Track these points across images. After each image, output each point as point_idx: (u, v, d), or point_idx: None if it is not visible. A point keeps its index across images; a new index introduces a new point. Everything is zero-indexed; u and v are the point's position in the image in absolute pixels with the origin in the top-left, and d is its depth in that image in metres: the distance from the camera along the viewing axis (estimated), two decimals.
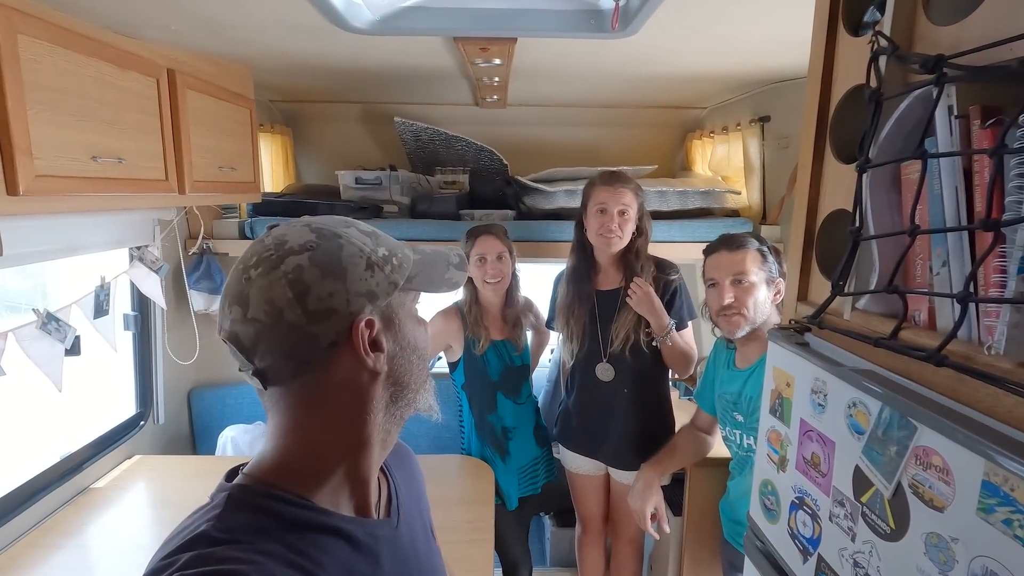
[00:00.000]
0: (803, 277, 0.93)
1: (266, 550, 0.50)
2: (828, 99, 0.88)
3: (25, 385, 1.50)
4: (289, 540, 0.53)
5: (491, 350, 1.85)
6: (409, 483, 0.74)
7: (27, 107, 1.01)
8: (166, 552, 0.50)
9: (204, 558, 0.48)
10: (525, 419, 1.93)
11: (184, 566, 0.47)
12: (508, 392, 1.89)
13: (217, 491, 0.57)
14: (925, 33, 0.70)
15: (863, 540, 0.68)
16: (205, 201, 1.80)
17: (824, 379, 0.76)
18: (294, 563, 0.51)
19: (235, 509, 0.53)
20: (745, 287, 1.41)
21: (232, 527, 0.52)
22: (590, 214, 1.73)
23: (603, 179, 1.74)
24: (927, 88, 0.65)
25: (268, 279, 0.54)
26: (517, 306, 1.91)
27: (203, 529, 0.51)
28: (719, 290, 1.44)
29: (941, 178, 0.64)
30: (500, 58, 1.54)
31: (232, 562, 0.48)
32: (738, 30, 1.36)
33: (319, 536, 0.55)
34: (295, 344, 0.54)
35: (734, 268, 1.42)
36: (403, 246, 0.64)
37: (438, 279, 0.66)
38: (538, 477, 1.96)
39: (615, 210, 1.68)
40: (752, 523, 0.98)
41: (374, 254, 0.58)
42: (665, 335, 1.70)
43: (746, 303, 1.41)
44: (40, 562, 1.40)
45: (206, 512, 0.54)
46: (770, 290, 1.43)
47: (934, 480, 0.57)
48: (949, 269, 0.64)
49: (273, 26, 1.37)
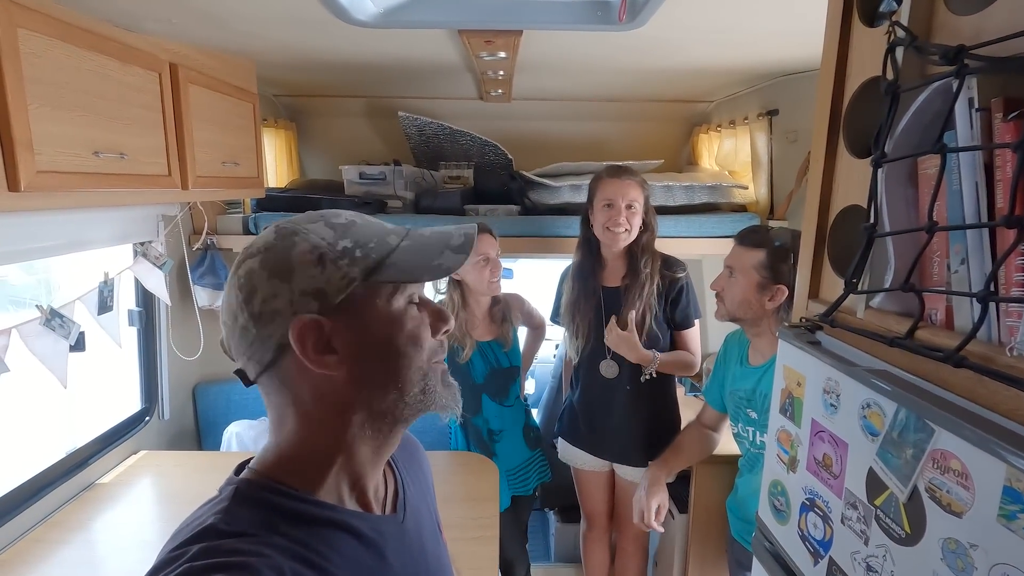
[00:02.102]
0: (814, 274, 0.92)
1: (273, 543, 0.51)
2: (842, 92, 0.86)
3: (31, 381, 1.50)
4: (296, 534, 0.53)
5: (476, 355, 1.83)
6: (417, 477, 0.74)
7: (27, 102, 1.00)
8: (175, 544, 0.50)
9: (212, 550, 0.48)
10: (512, 421, 1.89)
11: (193, 558, 0.47)
12: (493, 395, 1.86)
13: (225, 484, 0.57)
14: (944, 23, 0.68)
15: (877, 544, 0.67)
16: (208, 197, 1.79)
17: (837, 379, 0.75)
18: (301, 556, 0.52)
19: (242, 503, 0.54)
20: (733, 280, 1.49)
21: (239, 520, 0.52)
22: (596, 209, 1.72)
23: (609, 172, 1.72)
24: (947, 80, 0.63)
25: (229, 283, 0.57)
26: (502, 302, 1.89)
27: (211, 522, 0.51)
28: (720, 275, 1.53)
29: (961, 173, 0.62)
30: (505, 51, 1.52)
31: (240, 554, 0.48)
32: (747, 22, 1.33)
33: (325, 530, 0.55)
34: (250, 346, 0.55)
35: (731, 260, 1.50)
36: (389, 234, 0.59)
37: (422, 267, 0.57)
38: (529, 480, 1.93)
39: (622, 204, 1.67)
40: (761, 523, 0.96)
41: (331, 249, 0.55)
42: (651, 366, 1.71)
43: (725, 293, 1.51)
44: (46, 558, 1.40)
45: (214, 505, 0.54)
46: (762, 293, 1.44)
47: (952, 484, 0.56)
48: (968, 267, 0.63)
49: (276, 19, 1.35)
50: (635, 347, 1.69)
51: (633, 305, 1.70)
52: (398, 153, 2.54)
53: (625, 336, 1.68)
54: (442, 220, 2.14)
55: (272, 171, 2.41)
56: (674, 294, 1.74)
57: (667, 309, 1.76)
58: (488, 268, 1.75)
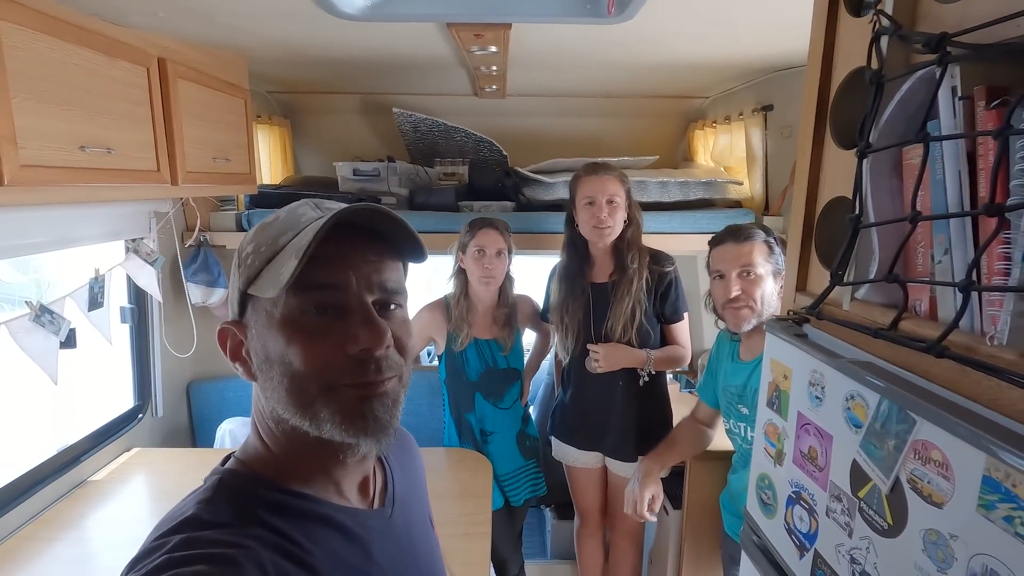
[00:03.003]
0: (802, 267, 0.91)
1: (255, 535, 0.50)
2: (828, 83, 0.85)
3: (22, 377, 1.50)
4: (278, 526, 0.52)
5: (472, 349, 1.81)
6: (407, 470, 0.73)
7: (11, 95, 1.00)
8: (157, 534, 0.50)
9: (193, 541, 0.48)
10: (506, 425, 1.87)
11: (173, 548, 0.47)
12: (488, 395, 1.84)
13: (210, 474, 0.57)
14: (928, 11, 0.67)
15: (860, 536, 0.66)
16: (199, 193, 1.78)
17: (822, 371, 0.74)
18: (283, 549, 0.51)
19: (224, 493, 0.54)
20: (752, 279, 1.38)
21: (221, 511, 0.52)
22: (579, 208, 1.71)
23: (587, 170, 1.72)
24: (930, 69, 0.62)
25: None
26: (510, 306, 1.86)
27: (193, 512, 0.51)
28: (726, 282, 1.41)
29: (944, 162, 0.62)
30: (496, 45, 1.52)
31: (221, 546, 0.48)
32: (737, 15, 1.32)
33: (308, 524, 0.55)
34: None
35: (741, 260, 1.39)
36: (288, 231, 0.54)
37: (272, 275, 0.52)
38: (521, 490, 1.89)
39: (603, 200, 1.66)
40: (749, 517, 0.96)
41: (240, 255, 0.56)
42: (648, 366, 1.73)
43: (753, 295, 1.38)
44: (38, 555, 1.40)
45: (197, 496, 0.54)
46: (777, 283, 1.40)
47: (933, 475, 0.55)
48: (951, 257, 0.62)
49: (263, 13, 1.34)
50: (627, 353, 1.70)
51: (622, 300, 1.69)
52: (392, 149, 2.53)
53: (611, 349, 1.69)
54: (437, 217, 2.13)
55: (266, 167, 2.40)
56: (663, 288, 1.73)
57: (656, 303, 1.75)
58: (483, 261, 1.74)
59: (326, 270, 0.53)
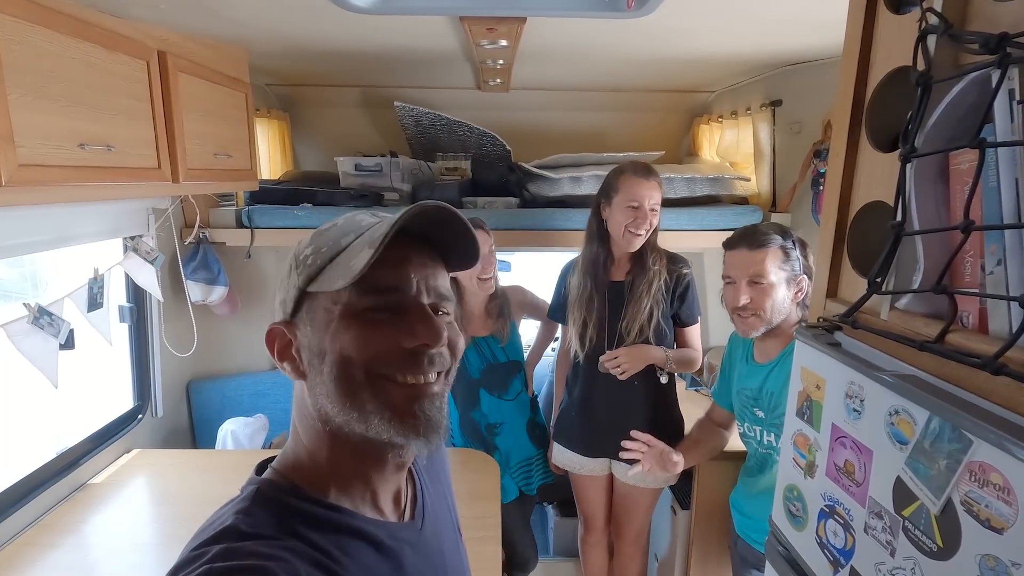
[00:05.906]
0: (833, 273, 0.89)
1: (291, 547, 0.51)
2: (865, 82, 0.82)
3: (20, 379, 1.46)
4: (314, 539, 0.53)
5: (471, 349, 1.80)
6: (435, 480, 0.73)
7: (7, 92, 0.95)
8: (196, 543, 0.50)
9: (232, 552, 0.48)
10: (513, 415, 1.86)
11: (212, 559, 0.47)
12: (492, 388, 1.83)
13: (247, 484, 0.58)
14: (981, 10, 0.64)
15: (904, 556, 0.64)
16: (200, 190, 1.74)
17: (861, 383, 0.72)
18: (318, 562, 0.52)
19: (262, 504, 0.54)
20: (762, 288, 1.36)
21: (259, 523, 0.52)
22: (618, 206, 1.64)
23: (636, 170, 1.64)
24: (985, 71, 0.59)
25: None
26: (500, 296, 1.84)
27: (231, 523, 0.52)
28: (736, 289, 1.39)
29: (999, 169, 0.59)
30: (507, 39, 1.48)
31: (259, 557, 0.48)
32: (758, 9, 1.29)
33: (342, 537, 0.55)
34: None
35: (752, 268, 1.36)
36: (349, 232, 0.56)
37: (340, 270, 0.53)
38: (532, 478, 1.90)
39: (648, 206, 1.61)
40: (775, 528, 0.94)
41: (295, 259, 0.58)
42: (668, 364, 1.70)
43: (762, 305, 1.36)
44: (37, 562, 1.36)
45: (235, 505, 0.55)
46: (790, 289, 1.37)
47: (992, 499, 0.53)
48: (1005, 268, 0.60)
49: (269, 5, 1.30)
50: (647, 351, 1.67)
51: (640, 300, 1.66)
52: (394, 144, 2.48)
53: (632, 350, 1.66)
54: None
55: (265, 162, 2.35)
56: (681, 289, 1.71)
57: (674, 304, 1.73)
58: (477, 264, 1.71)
59: (390, 271, 0.54)
